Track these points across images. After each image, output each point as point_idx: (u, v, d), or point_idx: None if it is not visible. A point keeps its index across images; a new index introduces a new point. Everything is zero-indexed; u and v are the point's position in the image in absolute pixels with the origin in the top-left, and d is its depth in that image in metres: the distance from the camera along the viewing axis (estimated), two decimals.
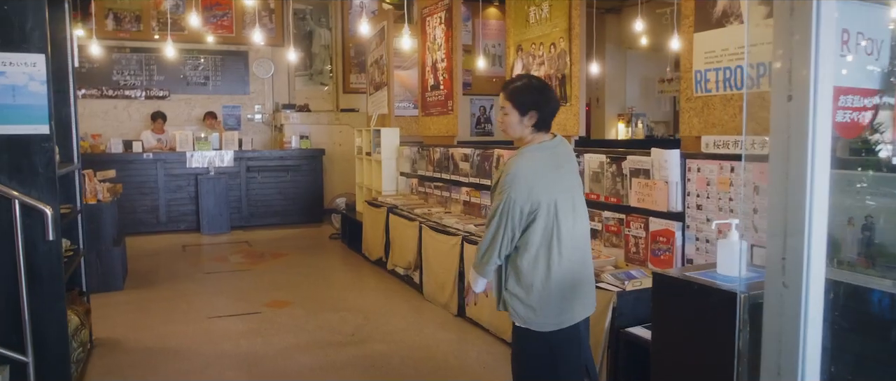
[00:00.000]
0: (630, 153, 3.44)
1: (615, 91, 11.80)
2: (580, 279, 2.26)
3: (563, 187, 2.22)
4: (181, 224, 8.31)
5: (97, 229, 5.17)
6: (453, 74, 5.40)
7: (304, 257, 6.76)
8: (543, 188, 2.15)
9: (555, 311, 2.19)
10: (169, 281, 5.70)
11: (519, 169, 2.16)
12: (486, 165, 4.88)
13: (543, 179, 2.17)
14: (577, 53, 3.87)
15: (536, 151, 2.21)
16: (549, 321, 2.20)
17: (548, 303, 2.18)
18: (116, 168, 7.91)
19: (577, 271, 2.25)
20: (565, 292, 2.20)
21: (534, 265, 2.17)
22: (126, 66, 9.38)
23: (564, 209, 2.19)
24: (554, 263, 2.17)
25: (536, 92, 2.24)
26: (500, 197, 2.17)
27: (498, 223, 2.16)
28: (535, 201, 2.14)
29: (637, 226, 3.39)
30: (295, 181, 8.86)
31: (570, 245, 2.21)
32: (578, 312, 2.26)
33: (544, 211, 2.15)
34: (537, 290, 2.17)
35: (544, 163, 2.20)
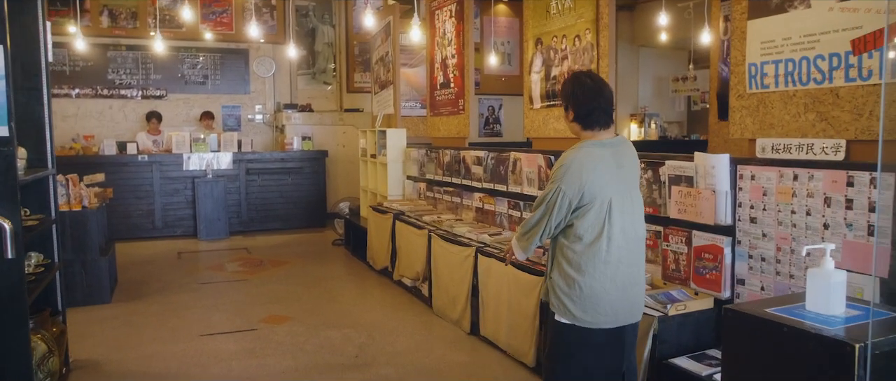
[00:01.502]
0: (669, 157, 3.05)
1: (627, 91, 11.39)
2: (629, 282, 2.21)
3: (620, 186, 2.19)
4: (177, 230, 7.95)
5: (82, 238, 4.81)
6: (465, 71, 5.02)
7: (305, 265, 6.38)
8: (597, 184, 2.13)
9: (597, 309, 2.15)
10: (161, 292, 5.33)
11: (573, 161, 2.15)
12: (501, 169, 4.49)
13: (598, 174, 2.14)
14: (605, 46, 3.49)
15: (594, 146, 2.18)
16: (589, 319, 2.17)
17: (590, 300, 2.15)
18: (110, 171, 7.56)
19: (626, 273, 2.20)
20: (610, 293, 2.16)
21: (580, 260, 2.15)
22: (122, 64, 9.03)
23: (619, 208, 2.16)
24: (601, 260, 2.14)
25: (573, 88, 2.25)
26: (552, 185, 2.16)
27: (544, 211, 2.17)
28: (586, 194, 2.12)
29: (677, 240, 3.00)
30: (296, 184, 8.50)
31: (622, 246, 2.17)
32: (623, 316, 2.21)
33: (597, 206, 2.13)
34: (580, 285, 2.15)
35: (601, 159, 2.16)
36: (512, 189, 4.35)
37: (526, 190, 4.19)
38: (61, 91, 8.75)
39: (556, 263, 2.23)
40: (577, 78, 2.28)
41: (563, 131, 3.89)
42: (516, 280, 3.61)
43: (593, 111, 2.20)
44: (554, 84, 3.93)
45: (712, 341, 2.80)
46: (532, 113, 4.18)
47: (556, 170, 2.20)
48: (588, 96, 2.20)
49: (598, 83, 2.26)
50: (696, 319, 2.78)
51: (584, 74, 2.32)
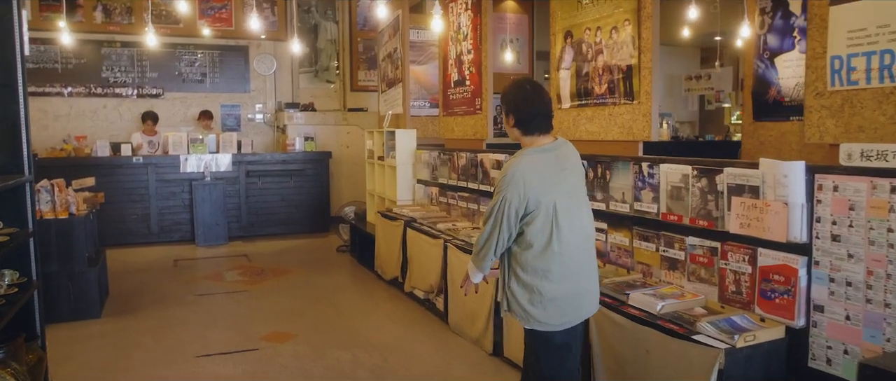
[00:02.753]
0: (729, 164, 2.68)
1: None
2: (584, 279, 2.29)
3: (564, 189, 2.24)
4: (174, 235, 7.58)
5: (68, 248, 4.44)
6: (482, 67, 4.66)
7: (309, 274, 6.01)
8: (541, 190, 2.18)
9: (557, 311, 2.22)
10: (155, 305, 4.96)
11: (516, 170, 2.19)
12: None
13: (541, 180, 2.19)
14: (648, 39, 3.13)
15: (534, 154, 2.25)
16: (551, 322, 2.23)
17: (550, 303, 2.20)
18: (103, 173, 7.20)
19: (582, 271, 2.28)
20: (568, 293, 2.23)
21: (535, 265, 2.20)
22: (116, 61, 8.66)
23: (565, 210, 2.21)
24: (555, 263, 2.20)
25: (513, 95, 2.30)
26: (497, 197, 2.21)
27: (493, 222, 2.21)
28: (531, 201, 2.17)
29: (739, 258, 2.63)
30: (299, 187, 8.12)
31: (573, 245, 2.24)
32: (584, 312, 2.31)
33: (543, 212, 2.18)
34: (539, 290, 2.20)
35: (543, 164, 2.23)
36: None
37: None
38: (53, 90, 8.38)
39: (512, 272, 2.27)
40: (519, 85, 2.34)
41: (597, 133, 3.53)
42: None
43: (534, 117, 2.27)
44: (586, 81, 3.56)
45: (783, 375, 2.44)
46: (560, 113, 3.82)
47: (499, 181, 2.25)
48: (528, 102, 2.27)
49: (537, 90, 2.33)
50: (765, 350, 2.41)
51: (525, 80, 2.39)
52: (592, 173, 3.48)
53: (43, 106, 8.34)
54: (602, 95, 3.42)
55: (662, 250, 3.04)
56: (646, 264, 3.16)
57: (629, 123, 3.26)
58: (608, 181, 3.37)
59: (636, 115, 3.20)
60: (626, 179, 3.25)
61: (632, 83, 3.21)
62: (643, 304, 2.76)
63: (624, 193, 3.26)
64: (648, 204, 3.11)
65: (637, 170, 3.16)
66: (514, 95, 2.30)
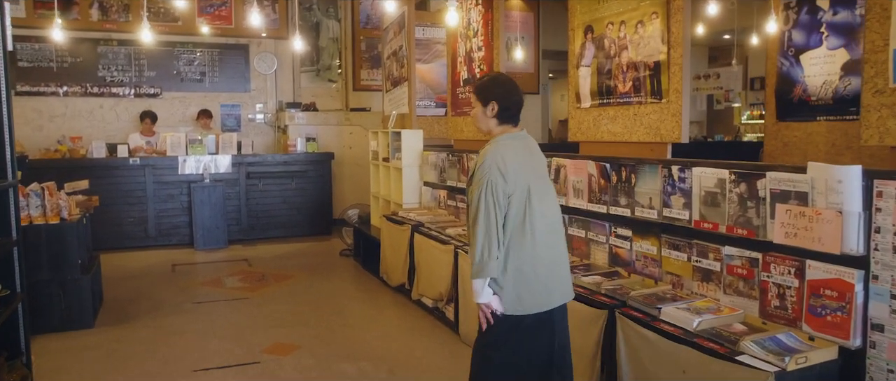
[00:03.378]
0: (771, 168, 2.46)
1: None
2: (556, 263, 2.32)
3: (535, 174, 2.31)
4: (172, 238, 7.36)
5: (60, 255, 4.23)
6: (494, 65, 4.44)
7: (311, 280, 5.80)
8: (518, 173, 2.22)
9: (527, 294, 2.22)
10: (151, 314, 4.75)
11: (494, 155, 2.22)
12: None
13: (518, 164, 2.23)
14: (678, 33, 2.91)
15: (508, 139, 2.31)
16: (520, 305, 2.23)
17: (521, 286, 2.21)
18: (99, 175, 6.99)
19: (553, 256, 2.31)
20: (540, 277, 2.24)
21: (508, 248, 2.21)
22: (113, 60, 8.45)
23: (538, 194, 2.26)
24: (528, 246, 2.22)
25: (496, 84, 2.37)
26: (480, 184, 2.19)
27: (486, 210, 2.17)
28: (510, 183, 2.19)
29: (784, 271, 2.41)
30: (301, 189, 7.91)
31: (544, 230, 2.27)
32: (555, 298, 2.30)
33: (519, 194, 2.21)
34: (511, 272, 2.20)
35: (517, 150, 2.28)
36: None
37: (573, 202, 3.61)
38: (48, 89, 8.17)
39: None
40: (498, 77, 2.44)
41: (621, 134, 3.32)
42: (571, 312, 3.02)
43: (514, 105, 2.34)
44: (608, 79, 3.35)
45: None
46: (579, 113, 3.60)
47: (478, 169, 2.24)
48: (511, 91, 2.35)
49: (514, 83, 2.41)
50: (817, 373, 2.19)
51: (501, 74, 2.57)
52: (615, 177, 3.27)
53: (37, 106, 8.13)
54: (626, 93, 3.21)
55: (695, 260, 2.83)
56: (676, 274, 2.95)
57: (657, 123, 3.04)
58: (633, 186, 3.15)
59: (665, 115, 2.99)
60: (653, 183, 3.03)
61: (660, 81, 3.00)
62: (678, 319, 2.54)
63: (651, 198, 3.05)
64: (679, 210, 2.89)
65: (666, 174, 2.95)
66: (495, 85, 2.38)
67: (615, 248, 3.32)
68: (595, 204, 3.43)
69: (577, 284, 3.14)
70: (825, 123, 4.43)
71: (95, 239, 6.70)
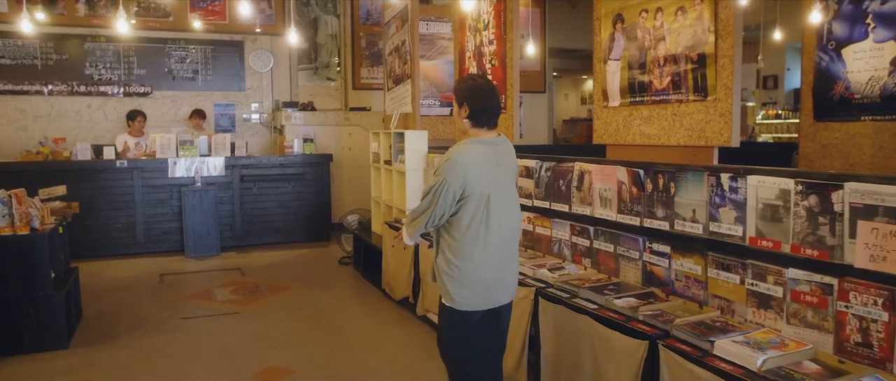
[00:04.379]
0: (852, 177, 2.08)
1: None
2: (503, 268, 2.42)
3: (498, 183, 2.37)
4: (162, 245, 6.97)
5: (30, 270, 3.84)
6: (508, 61, 4.05)
7: (308, 291, 5.41)
8: (478, 179, 2.29)
9: (475, 293, 2.35)
10: (133, 332, 4.36)
11: (458, 157, 2.30)
12: (561, 184, 3.53)
13: (480, 170, 2.30)
14: (728, 20, 2.52)
15: (477, 144, 2.35)
16: (465, 302, 2.35)
17: (470, 285, 2.34)
18: (84, 179, 6.61)
19: (502, 261, 2.41)
20: (487, 279, 2.36)
21: (460, 247, 2.33)
22: (101, 57, 8.05)
23: (497, 202, 2.33)
24: (479, 250, 2.33)
25: (470, 86, 2.41)
26: (437, 178, 2.31)
27: (430, 201, 2.31)
28: (467, 187, 2.27)
29: (867, 300, 2.03)
30: (298, 193, 7.52)
31: (498, 236, 2.36)
32: (497, 297, 2.43)
33: (476, 200, 2.30)
34: (460, 269, 2.33)
35: (483, 156, 2.33)
36: (578, 210, 3.38)
37: (599, 212, 3.22)
38: (32, 88, 7.78)
39: (440, 249, 2.41)
40: (473, 79, 2.47)
41: (656, 137, 2.94)
42: (604, 340, 2.65)
43: (485, 111, 2.37)
44: (641, 74, 2.96)
45: None
46: (607, 113, 3.22)
47: (442, 164, 2.32)
48: (484, 96, 2.37)
49: (491, 86, 2.45)
50: None
51: (479, 76, 2.53)
52: (651, 185, 2.88)
53: (21, 105, 7.74)
54: (663, 90, 2.83)
55: (750, 284, 2.44)
56: (725, 299, 2.56)
57: (701, 124, 2.66)
58: (672, 195, 2.77)
59: (711, 114, 2.61)
60: (697, 193, 2.65)
61: (705, 76, 2.61)
62: (737, 356, 2.15)
63: (695, 210, 2.66)
64: (730, 225, 2.50)
65: (714, 183, 2.56)
66: (469, 88, 2.40)
67: (650, 265, 2.93)
68: (626, 215, 3.04)
69: (608, 307, 2.77)
70: (871, 124, 4.05)
71: (79, 247, 6.33)
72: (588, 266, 3.36)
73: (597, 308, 2.78)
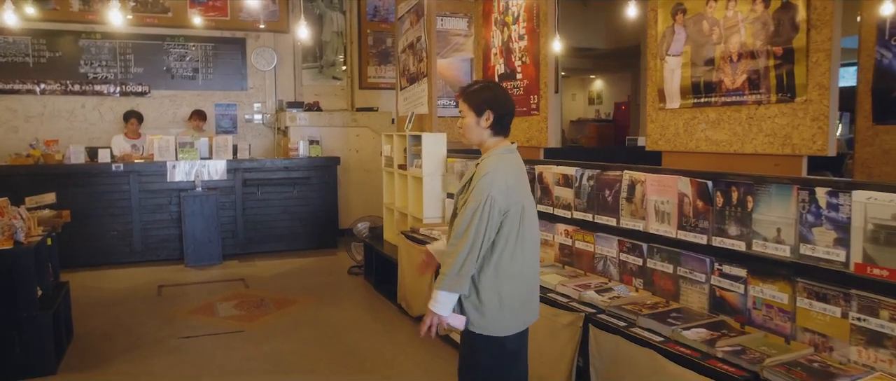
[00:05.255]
0: None
1: None
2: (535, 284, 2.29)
3: (526, 191, 2.23)
4: (160, 253, 6.59)
5: (14, 288, 3.46)
6: (541, 56, 3.68)
7: (318, 305, 5.03)
8: (515, 191, 2.14)
9: (514, 315, 2.17)
10: (128, 354, 3.98)
11: (498, 169, 2.12)
12: (607, 195, 3.16)
13: (517, 180, 2.17)
14: (825, 9, 2.15)
15: (507, 154, 2.21)
16: (508, 326, 2.15)
17: (510, 308, 2.15)
18: (77, 183, 6.22)
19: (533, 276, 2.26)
20: (523, 297, 2.20)
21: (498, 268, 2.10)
22: (96, 55, 7.67)
23: (529, 214, 2.20)
24: (517, 267, 2.15)
25: (490, 91, 2.26)
26: (479, 197, 2.06)
27: (478, 226, 2.03)
28: (509, 201, 2.11)
29: None
30: (303, 198, 7.14)
31: (531, 251, 2.21)
32: (529, 316, 2.25)
33: (514, 215, 2.13)
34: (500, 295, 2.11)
35: (514, 164, 2.22)
36: (628, 224, 3.01)
37: (654, 228, 2.85)
38: (24, 87, 7.39)
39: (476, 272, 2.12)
40: (490, 85, 2.33)
41: (726, 143, 2.57)
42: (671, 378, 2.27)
43: (506, 116, 2.25)
44: (709, 72, 2.60)
45: None
46: (663, 116, 2.85)
47: (479, 180, 2.10)
48: (505, 101, 2.25)
49: (506, 91, 2.35)
50: None
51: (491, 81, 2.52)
52: (722, 199, 2.52)
53: (11, 105, 7.36)
54: (737, 89, 2.46)
55: (856, 318, 2.07)
56: (820, 333, 2.19)
57: (786, 129, 2.29)
58: (749, 211, 2.40)
59: (800, 118, 2.24)
60: (782, 209, 2.28)
61: (793, 73, 2.25)
62: None
63: (780, 229, 2.29)
64: (828, 248, 2.13)
65: (806, 198, 2.19)
66: (490, 94, 2.24)
67: (720, 290, 2.56)
68: (689, 232, 2.68)
69: (676, 339, 2.40)
70: None
71: (72, 256, 5.95)
72: (640, 287, 2.99)
73: (663, 341, 2.41)
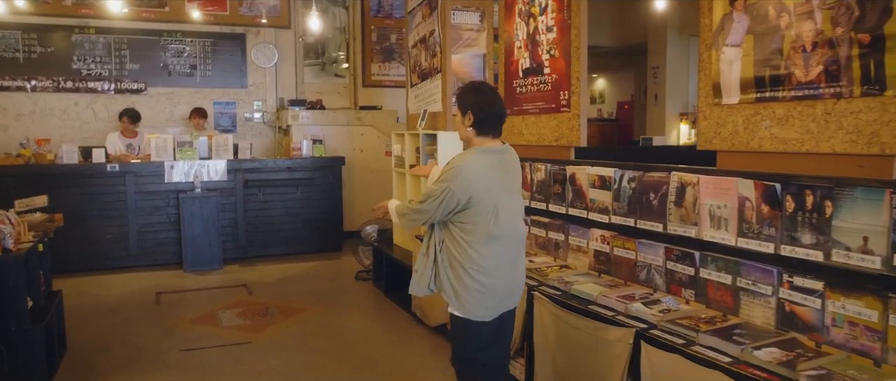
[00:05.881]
0: None
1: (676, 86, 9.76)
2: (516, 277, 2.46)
3: (507, 190, 2.37)
4: (158, 258, 6.30)
5: (1, 299, 3.17)
6: (572, 48, 3.43)
7: (327, 314, 4.76)
8: (486, 188, 2.28)
9: (490, 304, 2.36)
10: (125, 369, 3.70)
11: (465, 165, 2.27)
12: (651, 198, 2.90)
13: (488, 179, 2.29)
14: None
15: (483, 153, 2.34)
16: (484, 313, 2.35)
17: (486, 296, 2.33)
18: (70, 184, 5.92)
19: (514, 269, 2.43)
20: (501, 289, 2.37)
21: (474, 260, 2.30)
22: (90, 51, 7.37)
23: (506, 210, 2.33)
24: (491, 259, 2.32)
25: (474, 93, 2.38)
26: (441, 185, 2.28)
27: (432, 205, 2.29)
28: (474, 197, 2.26)
29: None
30: (307, 199, 6.86)
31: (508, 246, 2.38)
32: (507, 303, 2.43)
33: (486, 208, 2.28)
34: (476, 282, 2.31)
35: (490, 165, 2.32)
36: (676, 230, 2.75)
37: (708, 234, 2.60)
38: (14, 84, 7.09)
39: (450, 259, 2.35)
40: (477, 87, 2.45)
41: (796, 142, 2.32)
42: None
43: (489, 118, 2.35)
44: (775, 63, 2.34)
45: None
46: (719, 112, 2.60)
47: (448, 171, 2.30)
48: (488, 103, 2.34)
49: (495, 93, 2.45)
50: None
51: (481, 83, 2.57)
52: (793, 204, 2.26)
53: (1, 103, 7.07)
54: (811, 83, 2.21)
55: None
56: None
57: (873, 126, 2.04)
58: (828, 218, 2.15)
59: (892, 114, 1.99)
60: (871, 216, 2.03)
61: (882, 63, 2.00)
62: None
63: (866, 238, 2.04)
64: None
65: None
66: (473, 97, 2.36)
67: (790, 304, 2.31)
68: (751, 240, 2.42)
69: (746, 360, 2.15)
70: None
71: (65, 261, 5.66)
72: (691, 299, 2.74)
73: (732, 363, 2.16)
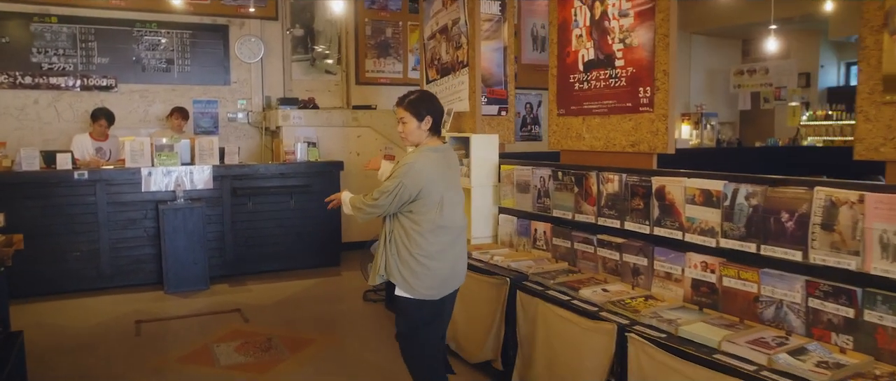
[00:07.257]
0: None
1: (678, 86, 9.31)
2: (458, 262, 2.75)
3: (451, 184, 2.70)
4: (134, 278, 5.53)
5: None
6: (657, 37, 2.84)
7: (341, 347, 4.10)
8: (434, 183, 2.59)
9: (433, 283, 2.64)
10: None
11: (416, 163, 2.58)
12: (781, 219, 2.34)
13: (436, 175, 2.61)
14: None
15: (432, 152, 2.66)
16: (426, 292, 2.63)
17: (435, 276, 2.63)
18: (30, 195, 5.12)
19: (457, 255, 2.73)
20: (444, 269, 2.66)
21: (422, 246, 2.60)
22: (52, 42, 6.54)
23: (449, 202, 2.65)
24: (438, 244, 2.63)
25: (430, 100, 2.73)
26: (394, 180, 2.57)
27: (386, 200, 2.58)
28: (423, 191, 2.56)
29: None
30: (303, 209, 6.17)
31: (452, 234, 2.69)
32: (450, 285, 2.73)
33: (434, 200, 2.60)
34: (422, 266, 2.60)
35: (438, 162, 2.65)
36: (824, 260, 2.20)
37: (876, 267, 2.05)
38: None
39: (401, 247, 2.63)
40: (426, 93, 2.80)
41: None
42: None
43: (438, 120, 2.72)
44: None
45: None
46: (889, 112, 2.07)
47: (400, 167, 2.59)
48: (439, 110, 2.74)
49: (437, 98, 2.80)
50: None
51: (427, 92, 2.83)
52: None
53: None
54: None
55: None
56: None
57: None
58: None
59: None
60: None
61: None
62: None
63: None
64: None
65: None
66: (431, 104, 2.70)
67: None
68: None
69: None
70: None
71: (25, 285, 4.88)
72: (848, 347, 2.18)
73: None
